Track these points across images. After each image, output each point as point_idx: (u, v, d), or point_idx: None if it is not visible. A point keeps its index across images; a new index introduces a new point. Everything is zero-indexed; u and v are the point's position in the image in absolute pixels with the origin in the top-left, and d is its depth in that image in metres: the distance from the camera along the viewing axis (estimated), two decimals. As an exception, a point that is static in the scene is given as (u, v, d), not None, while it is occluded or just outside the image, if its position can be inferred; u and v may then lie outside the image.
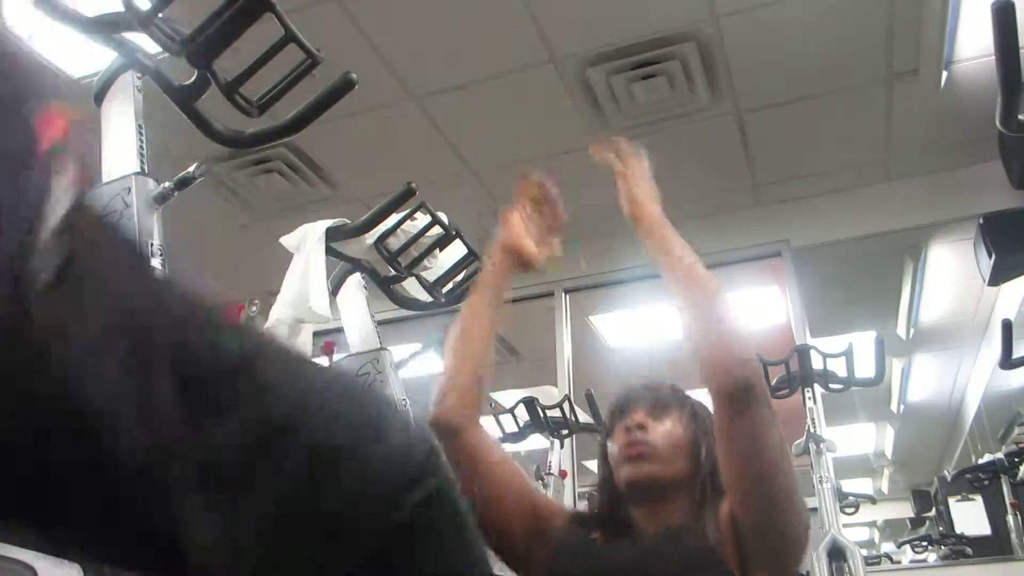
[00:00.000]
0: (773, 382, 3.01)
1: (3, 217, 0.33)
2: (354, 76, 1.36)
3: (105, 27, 1.39)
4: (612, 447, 1.20)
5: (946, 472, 6.14)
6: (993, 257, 3.19)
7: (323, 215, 1.98)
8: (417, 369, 4.88)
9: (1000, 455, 4.16)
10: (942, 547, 4.64)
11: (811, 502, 2.86)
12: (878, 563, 5.38)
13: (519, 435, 3.41)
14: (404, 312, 2.32)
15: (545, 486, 3.36)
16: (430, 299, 2.16)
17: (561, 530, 1.18)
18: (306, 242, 1.82)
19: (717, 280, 1.17)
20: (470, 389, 1.23)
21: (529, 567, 1.16)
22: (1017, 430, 4.59)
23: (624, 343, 5.11)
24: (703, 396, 1.16)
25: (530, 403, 3.40)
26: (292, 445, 0.40)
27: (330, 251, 1.88)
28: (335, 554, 0.41)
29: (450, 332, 1.30)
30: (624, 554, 1.10)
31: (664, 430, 1.17)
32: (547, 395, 4.01)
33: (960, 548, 4.34)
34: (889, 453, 8.23)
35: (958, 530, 4.49)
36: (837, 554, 2.58)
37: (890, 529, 9.06)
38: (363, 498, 0.42)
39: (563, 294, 4.34)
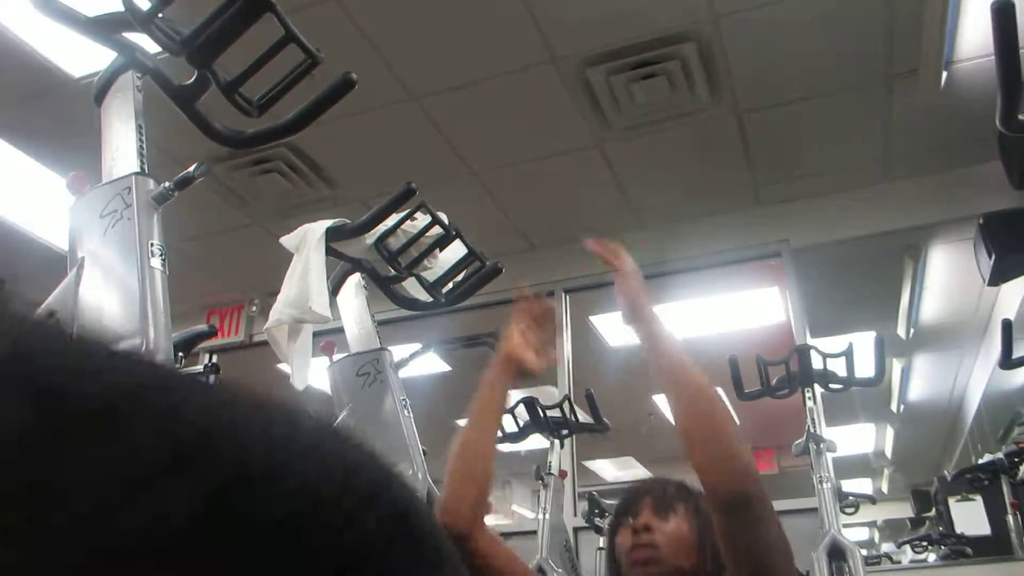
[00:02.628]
0: (773, 382, 3.01)
1: None
2: (354, 76, 1.36)
3: (105, 27, 1.39)
4: (620, 545, 1.26)
5: (946, 472, 6.14)
6: (993, 257, 3.19)
7: (323, 215, 1.98)
8: (417, 369, 4.87)
9: (1000, 455, 4.15)
10: (942, 547, 4.63)
11: (811, 502, 2.87)
12: (878, 563, 5.38)
13: (519, 435, 3.41)
14: (404, 312, 2.32)
15: (545, 486, 3.36)
16: (430, 299, 2.16)
17: None
18: (306, 242, 1.82)
19: (710, 382, 1.19)
20: (475, 496, 1.28)
21: None
22: (1017, 430, 4.59)
23: (624, 343, 5.11)
24: None
25: (530, 403, 3.40)
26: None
27: (330, 251, 1.88)
28: None
29: (454, 440, 1.36)
30: None
31: (669, 530, 1.22)
32: (547, 395, 4.01)
33: (960, 548, 4.34)
34: (889, 453, 8.23)
35: (958, 530, 4.48)
36: (837, 554, 2.58)
37: (890, 529, 9.06)
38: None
39: (563, 294, 4.34)
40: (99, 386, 0.29)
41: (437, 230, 1.95)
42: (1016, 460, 3.99)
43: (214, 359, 4.96)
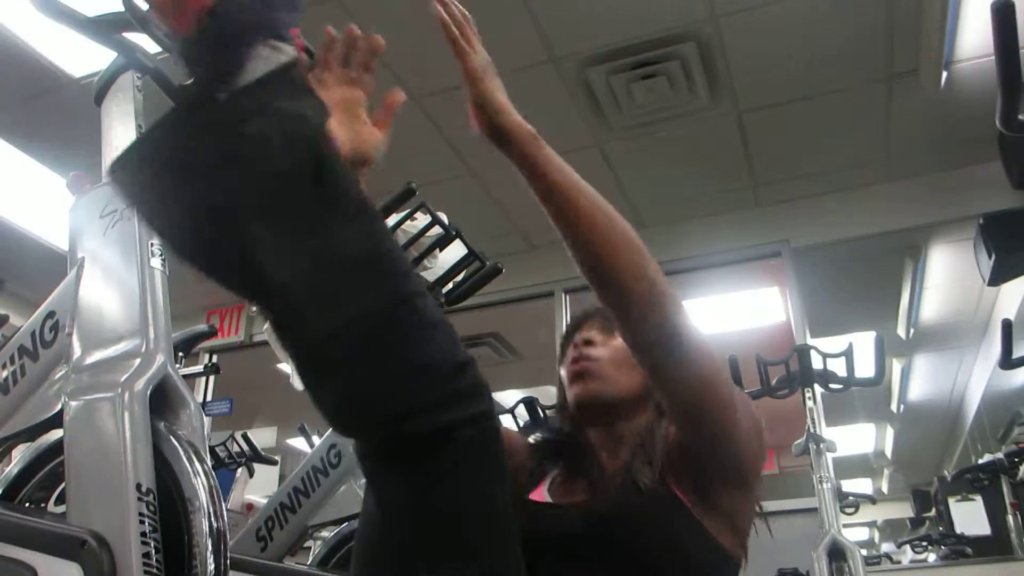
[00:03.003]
0: (773, 382, 3.01)
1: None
2: (354, 76, 1.36)
3: (105, 27, 1.39)
4: (563, 369, 1.13)
5: (946, 472, 6.14)
6: (993, 257, 3.18)
7: (323, 215, 1.98)
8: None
9: (1000, 455, 4.15)
10: (942, 547, 4.63)
11: (811, 502, 2.87)
12: (878, 563, 5.38)
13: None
14: (404, 312, 2.32)
15: (545, 486, 3.35)
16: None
17: (523, 461, 1.12)
18: (306, 242, 1.82)
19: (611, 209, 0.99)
20: None
21: None
22: (1017, 430, 4.59)
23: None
24: None
25: (530, 403, 3.40)
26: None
27: (330, 251, 1.88)
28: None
29: None
30: (574, 518, 0.99)
31: (613, 345, 1.10)
32: (547, 395, 4.01)
33: (960, 548, 4.34)
34: (889, 453, 8.23)
35: (958, 530, 4.48)
36: (837, 554, 2.58)
37: (890, 529, 9.06)
38: (431, 370, 0.67)
39: (563, 294, 4.34)
40: None
41: (437, 230, 1.95)
42: (1016, 460, 3.99)
43: (214, 359, 4.96)
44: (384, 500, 0.70)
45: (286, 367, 1.88)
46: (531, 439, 1.19)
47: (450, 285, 2.15)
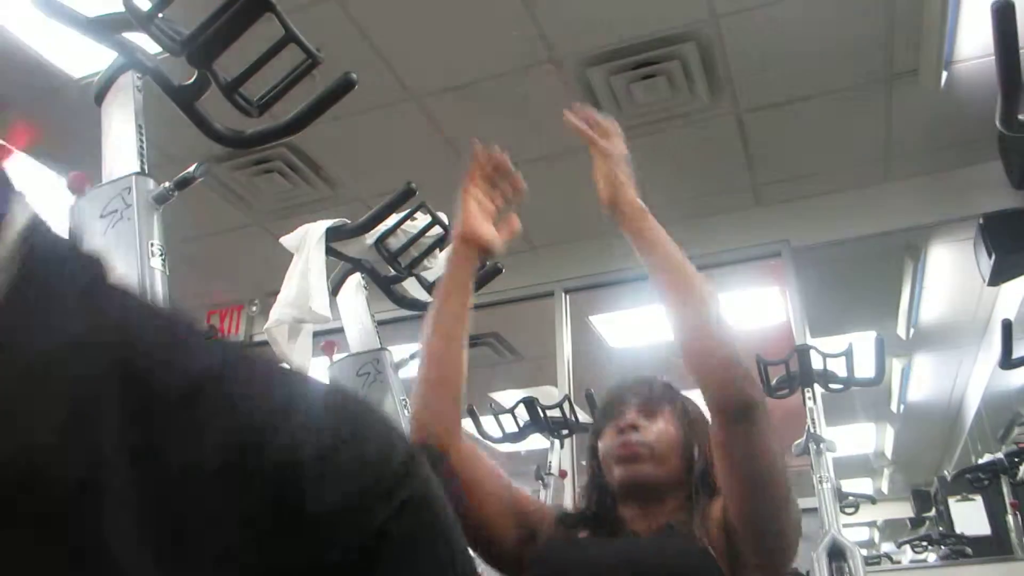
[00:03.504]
0: (773, 382, 3.01)
1: None
2: (354, 76, 1.36)
3: (105, 27, 1.39)
4: (603, 446, 1.18)
5: (946, 472, 6.15)
6: (993, 257, 3.19)
7: (323, 215, 1.98)
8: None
9: (1000, 455, 4.15)
10: (942, 547, 4.63)
11: (811, 502, 2.86)
12: (878, 563, 5.39)
13: (519, 435, 3.41)
14: (404, 312, 2.32)
15: (545, 486, 3.36)
16: (430, 299, 2.16)
17: (551, 530, 1.17)
18: (306, 242, 1.82)
19: (711, 283, 1.12)
20: (448, 404, 1.18)
21: (522, 572, 1.14)
22: (1017, 430, 4.58)
23: (624, 343, 5.11)
24: (696, 395, 1.15)
25: (530, 403, 3.41)
26: (255, 465, 0.36)
27: (330, 251, 1.88)
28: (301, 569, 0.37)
29: (421, 340, 1.23)
30: (615, 549, 1.09)
31: (657, 430, 1.16)
32: (547, 395, 4.01)
33: (960, 548, 4.34)
34: (889, 453, 8.23)
35: (958, 530, 4.48)
36: (837, 554, 2.58)
37: (890, 529, 9.05)
38: (332, 512, 0.38)
39: (563, 294, 4.34)
40: (187, 367, 0.36)
41: (437, 230, 1.95)
42: (1016, 460, 3.99)
43: (214, 359, 4.96)
44: None
45: (286, 367, 1.88)
46: (560, 509, 1.25)
47: (450, 285, 2.15)
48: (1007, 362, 2.44)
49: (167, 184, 1.38)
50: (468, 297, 1.26)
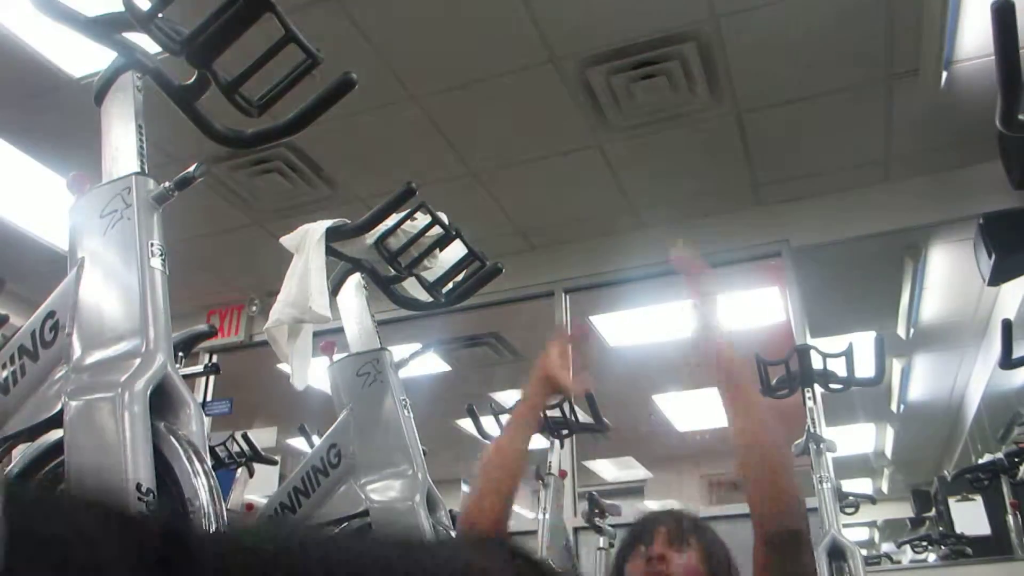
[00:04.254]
0: (773, 382, 3.01)
1: None
2: (354, 76, 1.36)
3: (105, 27, 1.39)
4: (631, 573, 1.26)
5: (946, 472, 6.14)
6: (993, 257, 3.19)
7: (323, 215, 1.98)
8: (417, 369, 4.87)
9: (1000, 455, 4.15)
10: (942, 547, 4.63)
11: (811, 502, 2.86)
12: (878, 563, 5.38)
13: (519, 435, 3.40)
14: (404, 312, 2.32)
15: (545, 486, 3.36)
16: (430, 299, 2.16)
17: None
18: (306, 242, 1.82)
19: (783, 436, 1.20)
20: (501, 507, 1.30)
21: None
22: (1017, 430, 4.58)
23: (624, 343, 5.11)
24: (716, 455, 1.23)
25: (530, 403, 3.39)
26: None
27: (330, 251, 1.88)
28: None
29: (484, 455, 1.39)
30: None
31: (683, 564, 1.22)
32: (547, 395, 4.00)
33: (960, 548, 4.34)
34: (889, 453, 8.23)
35: (958, 530, 4.48)
36: (837, 554, 2.58)
37: (890, 529, 9.05)
38: None
39: (563, 294, 4.34)
40: None
41: (437, 230, 1.95)
42: (1016, 460, 3.99)
43: (214, 359, 4.96)
44: None
45: (286, 367, 1.88)
46: None
47: (450, 285, 2.15)
48: (1007, 362, 2.43)
49: (167, 184, 1.38)
50: (536, 424, 1.45)
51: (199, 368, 4.29)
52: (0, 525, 0.30)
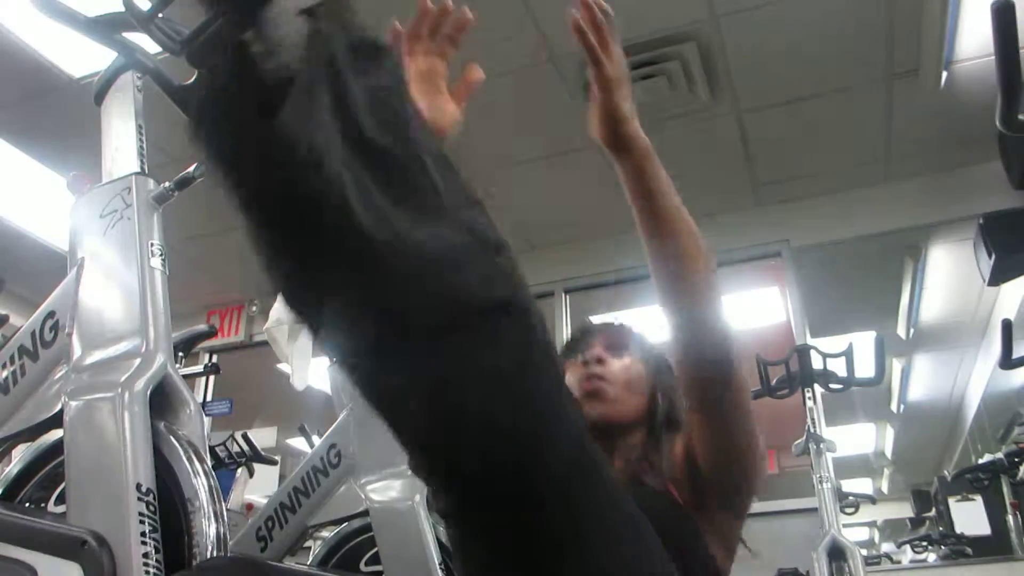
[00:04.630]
0: (773, 382, 3.01)
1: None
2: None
3: (105, 27, 1.39)
4: (568, 380, 1.12)
5: (946, 472, 6.15)
6: (993, 257, 3.18)
7: (323, 215, 1.97)
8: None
9: (1000, 455, 4.16)
10: (942, 547, 4.63)
11: (811, 502, 2.86)
12: (878, 563, 5.38)
13: (519, 435, 3.40)
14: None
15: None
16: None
17: None
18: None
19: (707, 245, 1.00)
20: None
21: None
22: (1017, 430, 4.59)
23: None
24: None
25: (530, 403, 3.40)
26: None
27: (330, 251, 1.87)
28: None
29: None
30: None
31: (622, 366, 1.13)
32: (547, 395, 4.00)
33: (960, 548, 4.34)
34: (889, 453, 8.23)
35: (958, 530, 4.48)
36: (837, 554, 2.58)
37: (890, 529, 9.06)
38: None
39: (563, 294, 4.34)
40: None
41: (437, 230, 1.94)
42: (1016, 460, 3.99)
43: (214, 359, 4.96)
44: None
45: (286, 367, 1.88)
46: None
47: (450, 285, 2.15)
48: (1007, 362, 2.43)
49: (167, 184, 1.38)
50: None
51: (199, 368, 4.29)
52: None
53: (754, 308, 4.71)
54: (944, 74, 3.12)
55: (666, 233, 0.97)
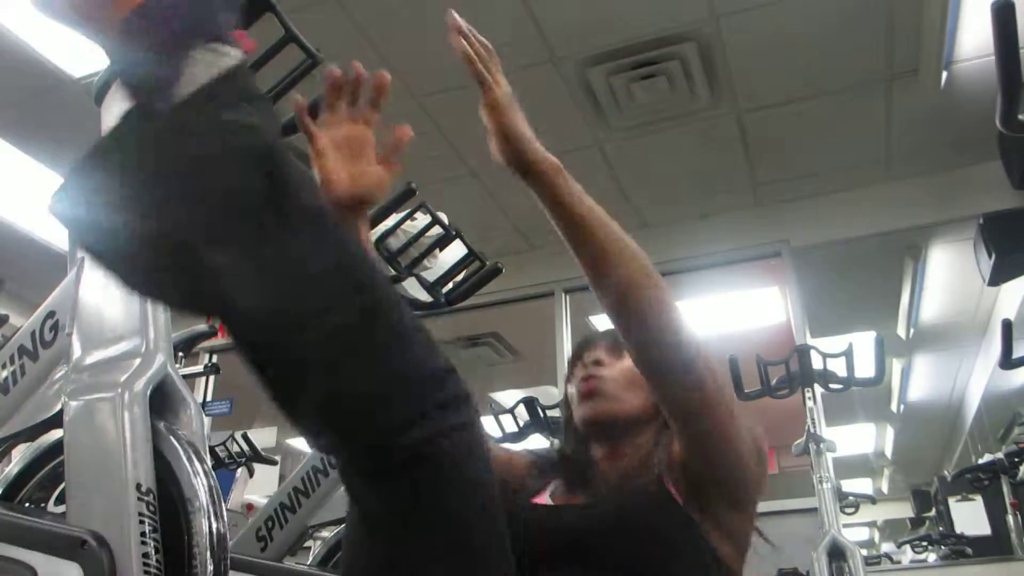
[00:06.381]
0: (773, 382, 3.01)
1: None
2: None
3: (105, 27, 1.39)
4: (571, 387, 1.16)
5: (946, 472, 6.15)
6: (993, 257, 3.19)
7: (323, 215, 1.97)
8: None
9: (1000, 455, 4.16)
10: (942, 547, 4.64)
11: (811, 502, 2.87)
12: (878, 563, 5.38)
13: (519, 435, 3.41)
14: (404, 312, 2.31)
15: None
16: (430, 299, 2.16)
17: (521, 480, 1.13)
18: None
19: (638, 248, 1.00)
20: None
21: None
22: (1017, 430, 4.59)
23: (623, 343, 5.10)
24: None
25: (530, 403, 3.40)
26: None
27: (330, 251, 1.87)
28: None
29: None
30: (571, 515, 1.02)
31: (621, 367, 1.12)
32: (547, 395, 4.01)
33: (960, 548, 4.34)
34: (889, 453, 8.23)
35: (958, 530, 4.49)
36: (837, 554, 2.58)
37: (890, 529, 9.06)
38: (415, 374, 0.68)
39: (563, 294, 4.34)
40: None
41: (437, 230, 1.95)
42: (1016, 460, 4.00)
43: (214, 359, 4.96)
44: (368, 515, 0.69)
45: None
46: (533, 454, 1.21)
47: (450, 285, 2.15)
48: (1007, 362, 2.43)
49: (167, 184, 1.38)
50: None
51: (199, 368, 4.29)
52: None
53: (754, 308, 4.71)
54: (944, 74, 3.12)
55: (596, 252, 0.99)
